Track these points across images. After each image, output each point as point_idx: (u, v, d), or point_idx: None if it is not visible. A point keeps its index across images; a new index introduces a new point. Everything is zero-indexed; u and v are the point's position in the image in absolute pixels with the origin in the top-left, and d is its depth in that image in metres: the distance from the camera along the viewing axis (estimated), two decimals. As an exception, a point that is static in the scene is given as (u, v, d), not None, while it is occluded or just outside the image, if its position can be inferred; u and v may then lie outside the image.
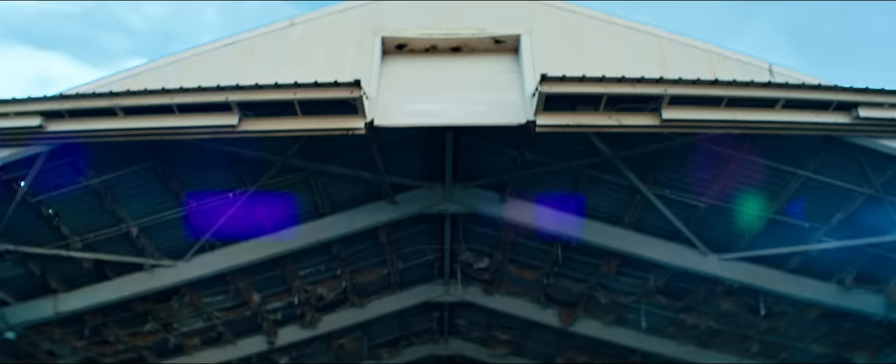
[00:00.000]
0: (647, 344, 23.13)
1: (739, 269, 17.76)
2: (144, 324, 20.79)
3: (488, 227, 20.15)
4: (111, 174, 15.36)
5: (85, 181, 15.27)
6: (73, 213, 16.21)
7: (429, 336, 27.47)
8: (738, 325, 21.23)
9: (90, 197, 15.84)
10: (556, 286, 21.86)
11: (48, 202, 15.64)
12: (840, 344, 20.76)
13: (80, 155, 14.61)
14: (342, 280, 21.52)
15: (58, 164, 14.50)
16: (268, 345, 23.27)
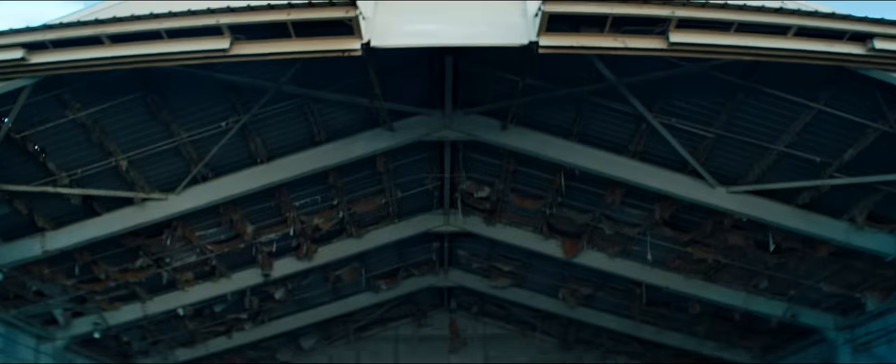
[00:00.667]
0: (653, 277, 23.46)
1: (748, 202, 17.90)
2: (136, 259, 21.03)
3: (489, 156, 20.29)
4: (98, 106, 15.34)
5: (71, 115, 15.27)
6: (60, 149, 16.24)
7: (428, 267, 27.82)
8: (746, 260, 21.45)
9: (77, 131, 15.87)
10: (558, 216, 22.06)
11: (34, 138, 15.64)
12: (851, 284, 21.02)
13: (65, 88, 14.61)
14: (339, 210, 21.69)
15: (43, 98, 14.46)
16: (263, 277, 23.62)
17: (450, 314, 33.10)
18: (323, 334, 31.90)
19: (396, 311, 31.90)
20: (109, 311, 23.06)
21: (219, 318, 26.71)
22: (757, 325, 25.18)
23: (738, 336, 26.74)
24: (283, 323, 28.64)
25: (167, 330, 26.50)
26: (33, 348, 22.07)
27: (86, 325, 23.04)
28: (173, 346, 27.94)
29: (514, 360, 32.78)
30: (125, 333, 25.30)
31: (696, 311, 24.88)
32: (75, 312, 22.75)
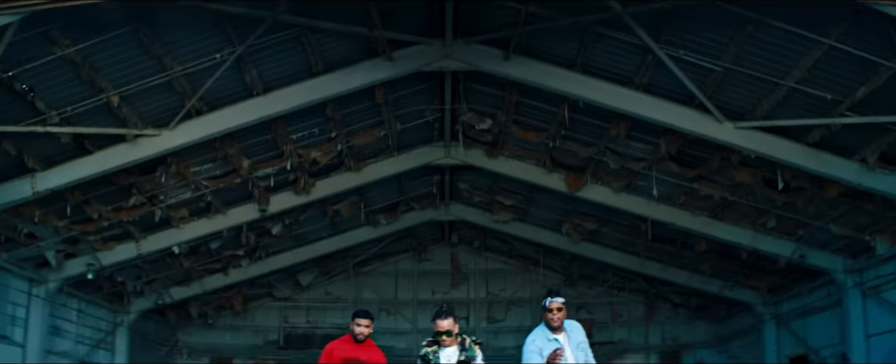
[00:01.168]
0: (658, 212, 23.65)
1: (756, 138, 17.94)
2: (129, 198, 21.15)
3: (491, 86, 20.33)
4: (88, 42, 15.26)
5: (59, 52, 15.19)
6: (49, 87, 16.21)
7: (429, 201, 28.02)
8: (754, 198, 21.57)
9: (66, 68, 15.83)
10: (562, 149, 22.12)
11: (21, 77, 15.58)
12: (860, 226, 21.15)
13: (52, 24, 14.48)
14: (337, 143, 21.74)
15: (29, 35, 14.34)
16: (260, 213, 23.77)
17: (451, 249, 33.57)
18: (322, 270, 32.38)
19: (396, 245, 32.39)
20: (103, 251, 23.29)
21: (215, 256, 27.05)
22: (764, 265, 25.42)
23: (745, 275, 26.99)
24: (280, 259, 29.04)
25: (162, 268, 26.80)
26: (26, 292, 22.45)
27: (79, 267, 23.34)
28: (168, 284, 28.29)
29: (516, 295, 33.44)
30: (119, 273, 25.62)
31: (702, 249, 25.06)
32: (68, 254, 23.01)
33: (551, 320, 7.96)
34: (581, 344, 8.17)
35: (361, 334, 8.71)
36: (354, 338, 8.76)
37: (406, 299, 33.45)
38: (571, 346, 8.04)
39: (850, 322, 22.53)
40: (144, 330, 29.98)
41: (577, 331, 8.26)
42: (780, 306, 27.38)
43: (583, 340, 8.24)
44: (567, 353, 7.95)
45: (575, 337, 8.15)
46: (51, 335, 23.57)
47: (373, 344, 8.94)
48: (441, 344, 8.09)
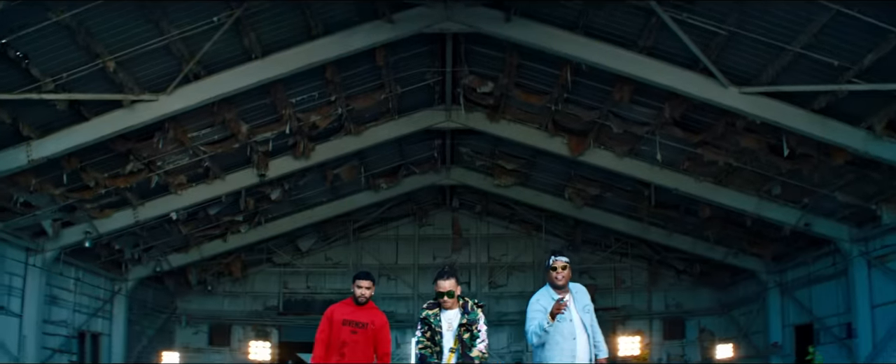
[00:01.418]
0: (662, 178, 23.66)
1: (762, 104, 17.90)
2: (126, 164, 21.17)
3: (492, 49, 20.25)
4: (83, 7, 15.11)
5: (54, 17, 15.08)
6: (44, 53, 16.14)
7: (430, 165, 28.07)
8: (759, 164, 21.58)
9: (61, 34, 15.75)
10: (564, 113, 22.12)
11: (15, 43, 15.44)
12: (866, 195, 21.17)
13: (46, -12, 14.50)
14: (337, 106, 21.76)
15: (22, 1, 14.23)
16: (258, 178, 23.87)
17: (452, 213, 33.66)
18: (321, 235, 32.53)
19: (397, 210, 32.54)
20: (100, 219, 23.37)
21: (213, 222, 27.13)
22: (768, 233, 25.48)
23: (749, 242, 27.05)
24: (279, 224, 29.17)
25: (160, 235, 26.89)
26: (22, 261, 22.54)
27: (76, 235, 23.37)
28: (166, 251, 28.41)
29: (518, 260, 33.59)
30: (117, 241, 25.71)
31: (706, 215, 25.09)
32: (65, 222, 23.05)
33: (555, 279, 7.91)
34: (587, 306, 8.08)
35: (362, 296, 8.67)
36: (356, 300, 8.72)
37: (407, 264, 33.59)
38: (577, 308, 7.95)
39: (855, 292, 22.61)
40: (143, 297, 30.13)
41: (583, 293, 8.19)
42: (785, 274, 27.47)
43: (588, 303, 8.13)
44: (572, 313, 7.86)
45: (580, 299, 8.07)
46: (48, 305, 23.72)
47: (374, 306, 8.89)
48: (443, 306, 8.04)
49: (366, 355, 8.59)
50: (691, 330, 32.84)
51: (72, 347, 25.22)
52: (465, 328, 7.92)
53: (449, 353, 7.84)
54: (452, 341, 7.93)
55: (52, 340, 23.95)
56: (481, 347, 7.90)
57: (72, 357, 25.14)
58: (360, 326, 8.55)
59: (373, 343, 8.64)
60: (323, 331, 8.63)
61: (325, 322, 8.67)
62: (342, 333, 8.50)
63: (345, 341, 8.47)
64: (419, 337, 8.09)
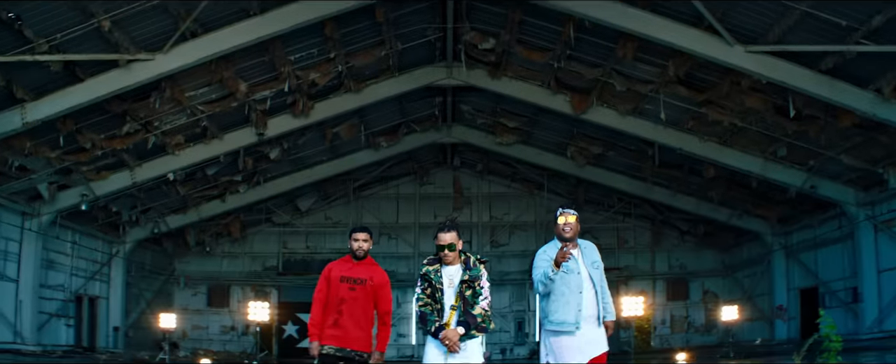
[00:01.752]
0: (666, 137, 23.57)
1: (768, 63, 17.72)
2: (122, 125, 21.09)
3: (494, 4, 20.07)
4: (76, -35, 15.00)
5: (47, -24, 14.90)
6: (37, 14, 15.93)
7: (430, 123, 28.00)
8: (764, 125, 21.44)
9: (55, -7, 15.54)
10: (567, 70, 21.94)
11: (7, 5, 15.32)
12: (873, 158, 21.06)
13: (38, -53, 14.20)
14: (336, 63, 21.60)
15: None
16: (257, 137, 23.76)
17: (453, 172, 33.58)
18: (321, 194, 32.43)
19: (397, 168, 32.42)
20: (97, 181, 23.30)
21: (211, 182, 27.10)
22: (773, 195, 25.40)
23: (754, 204, 27.02)
24: (279, 184, 29.14)
25: (158, 197, 26.84)
26: (18, 226, 22.49)
27: (72, 198, 23.34)
28: (164, 212, 28.38)
29: (520, 219, 33.59)
30: (114, 203, 25.64)
31: (710, 176, 25.06)
32: (61, 185, 23.02)
33: (563, 230, 7.65)
34: (596, 263, 7.79)
35: (360, 249, 8.19)
36: (354, 255, 8.25)
37: (407, 223, 33.55)
38: (585, 263, 7.71)
39: (861, 256, 22.64)
40: (141, 260, 30.17)
41: (592, 249, 7.92)
42: (790, 237, 27.46)
43: (597, 259, 7.85)
44: (580, 266, 7.65)
45: (589, 254, 7.80)
46: (45, 269, 23.73)
47: (374, 262, 8.41)
48: (444, 261, 7.68)
49: (365, 313, 8.17)
50: (695, 291, 32.91)
51: (69, 311, 25.26)
52: (466, 285, 7.58)
53: (450, 310, 7.52)
54: (454, 298, 7.59)
55: (49, 305, 24.00)
56: (484, 305, 7.56)
57: (69, 321, 25.20)
58: (359, 283, 8.12)
59: (373, 300, 8.22)
60: (321, 290, 8.21)
61: (323, 280, 8.25)
62: (340, 291, 8.08)
63: (343, 298, 8.06)
64: (419, 294, 7.71)
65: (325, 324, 8.08)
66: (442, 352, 7.40)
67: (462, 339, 7.37)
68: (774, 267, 28.14)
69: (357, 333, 8.07)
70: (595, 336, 7.55)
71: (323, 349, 8.01)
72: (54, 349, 22.87)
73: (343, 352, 8.00)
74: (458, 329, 7.39)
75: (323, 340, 8.04)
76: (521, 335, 32.90)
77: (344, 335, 8.02)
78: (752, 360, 19.11)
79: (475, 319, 7.45)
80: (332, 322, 8.03)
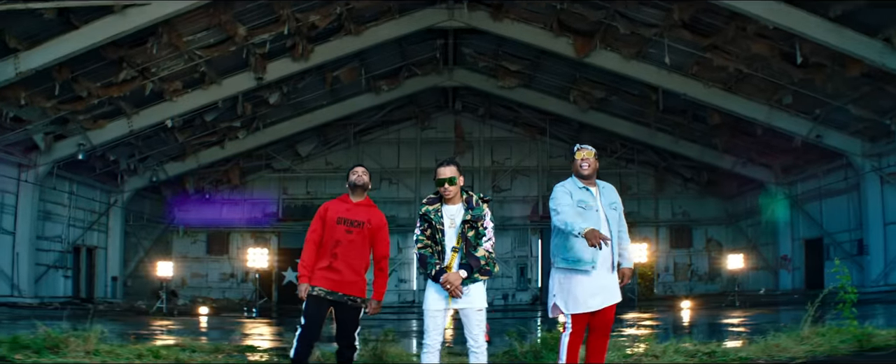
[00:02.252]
0: (670, 82, 23.39)
1: (774, 8, 17.49)
2: (119, 72, 20.90)
3: (497, -56, 19.63)
4: None
5: (37, -80, 14.56)
6: None
7: (432, 66, 27.78)
8: (770, 72, 21.25)
9: (46, -62, 15.21)
10: (570, 12, 21.71)
11: None
12: (881, 109, 20.91)
13: None
14: (336, 6, 21.33)
15: None
16: (256, 81, 23.63)
17: (454, 116, 33.42)
18: (321, 139, 32.30)
19: (398, 113, 32.28)
20: (93, 130, 23.21)
21: (210, 128, 27.00)
22: (778, 143, 25.28)
23: (758, 152, 26.98)
24: (278, 129, 29.01)
25: (156, 144, 26.78)
26: (14, 178, 22.46)
27: (69, 148, 23.27)
28: (163, 160, 28.37)
29: (522, 164, 33.54)
30: (111, 152, 25.59)
31: (714, 122, 24.98)
32: (57, 135, 22.91)
33: (581, 168, 7.19)
34: (614, 204, 7.34)
35: (360, 180, 7.64)
36: (351, 189, 7.70)
37: (408, 168, 33.50)
38: (603, 203, 7.25)
39: (867, 207, 22.66)
40: (139, 209, 30.25)
41: (611, 190, 7.44)
42: (794, 187, 27.45)
43: (616, 201, 7.38)
44: (598, 204, 7.19)
45: (608, 195, 7.34)
46: (42, 220, 23.77)
47: (372, 204, 7.84)
48: (444, 198, 7.14)
49: (361, 257, 7.61)
50: (698, 239, 33.05)
51: (67, 262, 25.37)
52: (469, 225, 7.02)
53: (451, 252, 6.99)
54: (455, 240, 7.04)
55: (46, 256, 24.09)
56: (487, 246, 7.02)
57: (67, 272, 25.32)
58: (356, 225, 7.53)
59: (370, 244, 7.65)
60: (314, 230, 7.64)
61: (318, 221, 7.66)
62: (336, 232, 7.53)
63: (338, 241, 7.50)
64: (418, 235, 7.14)
65: (318, 266, 7.56)
66: (443, 297, 6.91)
67: (464, 282, 6.87)
68: (778, 217, 28.08)
69: (352, 278, 7.54)
70: (608, 283, 7.12)
71: (313, 290, 7.45)
72: (51, 301, 22.88)
73: (335, 295, 7.46)
74: (459, 272, 6.88)
75: (314, 282, 7.49)
76: (523, 281, 33.02)
77: (338, 279, 7.49)
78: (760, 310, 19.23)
79: (478, 262, 6.95)
80: (326, 265, 7.51)
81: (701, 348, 8.78)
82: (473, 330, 6.93)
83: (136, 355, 8.65)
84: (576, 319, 7.04)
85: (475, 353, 6.91)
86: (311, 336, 7.40)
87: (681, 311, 21.24)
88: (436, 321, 6.95)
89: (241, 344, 11.49)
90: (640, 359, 8.47)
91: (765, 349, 8.69)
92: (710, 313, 19.28)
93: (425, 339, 6.94)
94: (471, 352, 6.93)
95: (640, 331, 13.97)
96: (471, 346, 6.93)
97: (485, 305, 6.99)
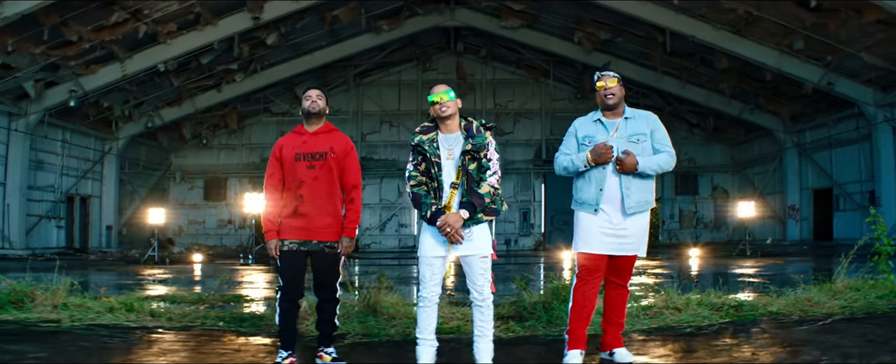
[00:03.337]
0: (677, 23, 22.88)
1: None
2: (110, 15, 20.41)
3: None
4: None
5: None
6: None
7: (433, 6, 27.31)
8: (781, 15, 20.72)
9: None
10: (578, -54, 20.97)
11: None
12: (894, 57, 20.53)
13: None
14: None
15: None
16: (252, 21, 23.15)
17: (456, 57, 32.96)
18: (321, 81, 31.77)
19: (399, 54, 31.88)
20: (85, 75, 22.78)
21: (206, 71, 26.55)
22: (788, 90, 24.93)
23: (767, 99, 26.61)
24: (276, 71, 28.53)
25: (151, 90, 26.37)
26: (5, 127, 22.11)
27: (61, 95, 22.86)
28: (158, 105, 27.98)
29: (525, 106, 33.20)
30: (105, 98, 25.21)
31: (722, 67, 24.54)
32: (48, 82, 22.51)
33: (606, 98, 6.13)
34: (636, 135, 6.14)
35: (314, 106, 6.43)
36: (306, 118, 6.50)
37: (409, 110, 33.20)
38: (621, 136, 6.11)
39: (879, 159, 22.34)
40: (135, 156, 29.96)
41: (642, 120, 6.31)
42: (803, 135, 27.15)
43: (640, 132, 6.16)
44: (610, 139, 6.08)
45: (634, 125, 6.22)
46: (33, 170, 23.51)
47: (333, 128, 6.61)
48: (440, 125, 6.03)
49: (331, 194, 6.45)
50: (704, 186, 32.91)
51: (60, 212, 25.20)
52: (470, 156, 5.95)
53: (450, 189, 5.97)
54: (454, 174, 5.97)
55: (38, 207, 23.88)
56: (492, 181, 5.91)
57: (60, 222, 25.14)
58: (319, 158, 6.42)
59: (338, 176, 6.48)
60: (272, 174, 6.48)
61: (274, 162, 6.50)
62: (297, 171, 6.39)
63: (302, 181, 6.36)
64: (411, 171, 6.06)
65: (284, 214, 6.41)
66: (441, 242, 5.88)
67: (466, 224, 5.85)
68: (786, 165, 27.91)
69: (324, 221, 6.37)
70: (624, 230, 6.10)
71: (284, 245, 6.32)
72: (43, 252, 22.67)
73: (309, 245, 6.34)
74: (460, 213, 5.82)
75: (282, 235, 6.36)
76: (526, 226, 32.94)
77: (307, 225, 6.34)
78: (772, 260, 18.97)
79: (482, 200, 5.86)
80: (292, 211, 6.37)
81: (726, 301, 8.03)
82: (477, 280, 5.91)
83: (107, 308, 8.01)
84: (583, 261, 6.13)
85: (479, 306, 5.91)
86: (294, 296, 6.37)
87: (689, 259, 20.98)
88: (433, 270, 5.94)
89: (227, 293, 10.84)
90: (662, 311, 7.85)
91: (796, 303, 8.02)
92: (721, 262, 19.01)
93: (421, 291, 5.99)
94: (475, 304, 5.94)
95: (650, 279, 13.66)
96: (474, 298, 5.93)
97: (490, 251, 5.93)
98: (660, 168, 6.18)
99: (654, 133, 6.25)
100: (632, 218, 6.14)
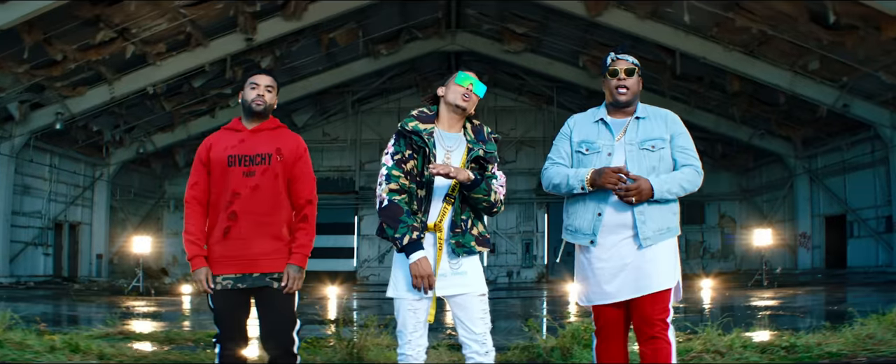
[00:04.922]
0: (687, 44, 22.40)
1: None
2: (96, 33, 19.90)
3: None
4: None
5: None
6: None
7: (434, 29, 26.89)
8: (796, 34, 20.21)
9: None
10: (581, -34, 20.53)
11: None
12: None
13: None
14: (333, -42, 20.14)
15: None
16: (246, 43, 22.67)
17: (457, 84, 32.87)
18: (318, 108, 31.54)
19: (398, 80, 31.51)
20: (72, 97, 22.30)
21: (199, 95, 26.08)
22: (800, 114, 24.49)
23: (778, 123, 26.08)
24: (272, 96, 28.24)
25: (141, 113, 25.90)
26: (-11, 151, 21.53)
27: (47, 117, 22.41)
28: (150, 131, 27.50)
29: (528, 135, 32.88)
30: (94, 122, 24.75)
31: (734, 90, 24.03)
32: (34, 104, 22.05)
33: (618, 93, 4.71)
34: (653, 142, 4.62)
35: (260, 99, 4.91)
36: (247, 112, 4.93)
37: (410, 139, 32.92)
38: (630, 142, 4.62)
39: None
40: (127, 183, 29.50)
41: (659, 122, 4.79)
42: (815, 160, 26.67)
43: (659, 137, 4.64)
44: (614, 146, 4.61)
45: (648, 129, 4.68)
46: (19, 195, 23.00)
47: (280, 124, 5.06)
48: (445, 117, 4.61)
49: (275, 209, 4.74)
50: (711, 215, 32.52)
51: (48, 239, 24.68)
52: (477, 165, 4.50)
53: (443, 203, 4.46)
54: (451, 184, 4.43)
55: (24, 233, 23.37)
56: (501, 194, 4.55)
57: (47, 250, 24.61)
58: (260, 162, 4.76)
59: (285, 185, 4.79)
60: (196, 182, 4.80)
61: (198, 167, 4.84)
62: (229, 180, 4.70)
63: (235, 192, 4.67)
64: (391, 168, 4.40)
65: (212, 238, 4.73)
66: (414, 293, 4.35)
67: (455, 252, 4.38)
68: (797, 192, 27.39)
69: (264, 246, 4.69)
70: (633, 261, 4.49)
71: (216, 282, 4.63)
72: (28, 280, 22.19)
73: (248, 279, 4.65)
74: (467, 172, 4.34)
75: (213, 267, 4.66)
76: (528, 257, 32.48)
77: (242, 252, 4.65)
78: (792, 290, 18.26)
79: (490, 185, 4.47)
80: (222, 234, 4.69)
81: (775, 341, 6.76)
82: (476, 326, 4.39)
83: (48, 348, 6.77)
84: (597, 314, 4.65)
85: (476, 352, 4.39)
86: (236, 346, 4.71)
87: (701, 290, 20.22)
88: (417, 317, 4.40)
89: (199, 332, 9.20)
90: (701, 356, 6.32)
91: (856, 342, 6.65)
92: (738, 294, 18.31)
93: (402, 346, 4.42)
94: (470, 352, 4.41)
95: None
96: (475, 352, 4.41)
97: (486, 289, 4.45)
98: (682, 190, 4.66)
99: (674, 139, 4.77)
100: (649, 249, 4.54)
